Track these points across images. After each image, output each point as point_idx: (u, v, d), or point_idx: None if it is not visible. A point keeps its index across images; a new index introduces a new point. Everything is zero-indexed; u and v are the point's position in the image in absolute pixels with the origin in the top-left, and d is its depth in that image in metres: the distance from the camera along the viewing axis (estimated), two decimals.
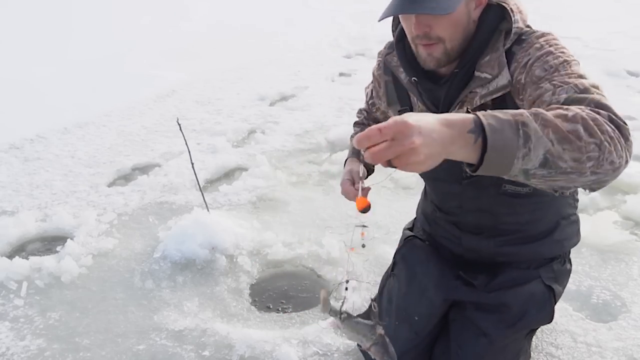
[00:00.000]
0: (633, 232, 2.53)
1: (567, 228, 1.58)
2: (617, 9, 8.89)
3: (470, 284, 1.56)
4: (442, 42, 1.26)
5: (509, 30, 1.29)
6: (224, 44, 6.49)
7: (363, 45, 6.50)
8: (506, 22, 1.30)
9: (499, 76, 1.27)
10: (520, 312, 1.51)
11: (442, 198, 1.61)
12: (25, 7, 8.41)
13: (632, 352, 1.80)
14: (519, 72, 1.24)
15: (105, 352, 1.87)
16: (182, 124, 2.58)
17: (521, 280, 1.53)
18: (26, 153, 3.51)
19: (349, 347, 1.84)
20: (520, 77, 1.23)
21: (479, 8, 1.30)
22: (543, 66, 1.19)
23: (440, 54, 1.28)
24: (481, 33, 1.30)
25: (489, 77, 1.29)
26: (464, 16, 1.27)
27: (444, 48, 1.27)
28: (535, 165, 0.90)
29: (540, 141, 0.89)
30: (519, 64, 1.24)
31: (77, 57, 5.80)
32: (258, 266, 2.33)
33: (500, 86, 1.27)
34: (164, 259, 2.35)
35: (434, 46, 1.26)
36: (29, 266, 2.28)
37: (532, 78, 1.20)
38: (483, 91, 1.30)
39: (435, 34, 1.25)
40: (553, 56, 1.20)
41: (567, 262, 1.63)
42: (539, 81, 1.17)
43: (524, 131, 0.88)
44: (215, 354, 1.85)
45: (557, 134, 0.91)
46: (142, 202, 2.86)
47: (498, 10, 1.30)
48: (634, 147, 1.00)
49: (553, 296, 1.54)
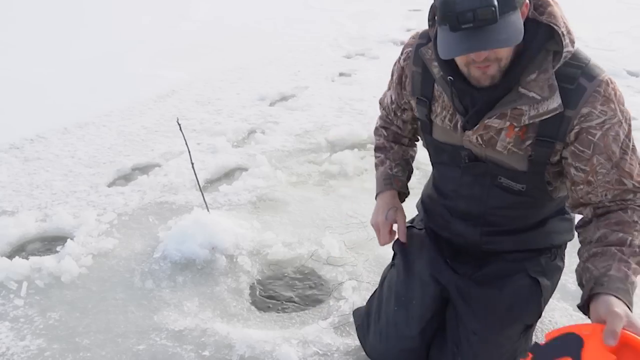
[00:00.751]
0: None
1: (558, 223, 1.60)
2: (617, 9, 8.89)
3: (457, 272, 1.60)
4: (498, 61, 1.27)
5: (557, 52, 1.29)
6: (224, 44, 6.49)
7: (363, 45, 6.49)
8: (555, 43, 1.29)
9: (549, 99, 1.29)
10: (505, 306, 1.52)
11: (442, 181, 1.67)
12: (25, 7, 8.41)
13: None
14: (593, 127, 1.30)
15: (105, 352, 1.87)
16: (182, 124, 2.58)
17: (506, 272, 1.56)
18: (26, 153, 3.51)
19: (349, 347, 1.85)
20: (595, 133, 1.30)
21: (522, 19, 1.27)
22: (617, 142, 1.30)
23: (495, 72, 1.28)
24: (530, 51, 1.29)
25: (537, 97, 1.30)
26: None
27: (498, 67, 1.28)
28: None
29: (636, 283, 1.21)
30: (596, 118, 1.30)
31: (77, 57, 5.80)
32: (258, 266, 2.34)
33: (551, 109, 1.30)
34: (164, 259, 2.35)
35: (490, 67, 1.27)
36: (29, 266, 2.28)
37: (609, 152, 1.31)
38: (532, 112, 1.32)
39: (494, 56, 1.25)
40: (623, 130, 1.31)
41: (558, 259, 1.64)
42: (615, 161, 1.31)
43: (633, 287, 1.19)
44: (215, 354, 1.85)
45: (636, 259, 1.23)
46: (142, 202, 2.86)
47: (547, 29, 1.29)
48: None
49: (540, 290, 1.54)
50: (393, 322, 1.64)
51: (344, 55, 6.15)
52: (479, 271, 1.59)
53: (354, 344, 1.85)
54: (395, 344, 1.63)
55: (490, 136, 1.42)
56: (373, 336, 1.70)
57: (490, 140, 1.42)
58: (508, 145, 1.40)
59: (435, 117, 1.53)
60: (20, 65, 5.51)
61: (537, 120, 1.33)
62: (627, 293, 1.15)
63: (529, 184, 1.46)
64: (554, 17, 1.29)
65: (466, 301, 1.56)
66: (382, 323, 1.67)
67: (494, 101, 1.36)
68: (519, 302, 1.53)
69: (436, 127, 1.55)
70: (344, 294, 2.13)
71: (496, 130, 1.40)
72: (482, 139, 1.43)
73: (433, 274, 1.62)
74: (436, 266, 1.63)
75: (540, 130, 1.35)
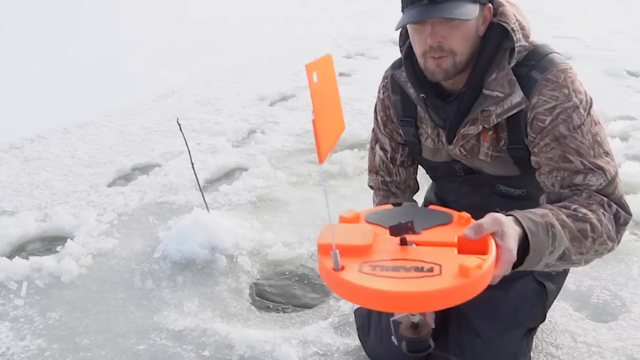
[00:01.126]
0: (633, 232, 2.53)
1: None
2: (617, 9, 8.89)
3: None
4: (452, 54, 1.29)
5: (512, 48, 1.31)
6: (224, 44, 6.49)
7: (363, 45, 6.50)
8: (509, 41, 1.32)
9: (511, 94, 1.31)
10: (510, 308, 1.51)
11: (442, 191, 1.70)
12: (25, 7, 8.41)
13: (632, 352, 1.80)
14: (542, 113, 1.28)
15: (105, 352, 1.87)
16: (182, 124, 2.58)
17: (512, 275, 1.55)
18: (26, 153, 3.51)
19: (348, 347, 1.84)
20: (543, 118, 1.28)
21: (484, 24, 1.33)
22: (568, 125, 1.26)
23: (449, 66, 1.30)
24: (487, 50, 1.33)
25: (500, 95, 1.32)
26: (474, 30, 1.31)
27: (453, 61, 1.30)
28: (554, 258, 1.09)
29: (562, 240, 1.08)
30: (544, 103, 1.28)
31: (77, 57, 5.80)
32: (258, 266, 2.33)
33: (515, 104, 1.31)
34: (164, 259, 2.35)
35: (444, 58, 1.29)
36: (29, 266, 2.28)
37: (555, 133, 1.27)
38: (498, 110, 1.33)
39: (448, 45, 1.28)
40: (577, 114, 1.27)
41: None
42: (560, 141, 1.26)
43: (552, 232, 1.07)
44: (215, 354, 1.85)
45: (571, 233, 1.10)
46: (142, 202, 2.86)
47: (500, 28, 1.33)
48: (632, 148, 1.19)
49: (545, 294, 1.55)
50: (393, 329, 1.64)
51: (344, 55, 6.15)
52: None
53: (354, 344, 1.85)
54: (396, 346, 1.63)
55: (472, 145, 1.44)
56: (374, 337, 1.70)
57: (473, 149, 1.44)
58: (488, 150, 1.42)
59: (425, 140, 1.55)
60: (20, 65, 5.51)
61: (504, 117, 1.34)
62: (532, 222, 1.05)
63: (527, 187, 1.46)
64: (504, 16, 1.33)
65: (471, 304, 1.55)
66: (383, 324, 1.67)
67: (465, 110, 1.38)
68: (525, 305, 1.53)
69: (425, 148, 1.57)
70: None
71: (475, 138, 1.42)
72: (465, 149, 1.45)
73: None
74: None
75: (508, 128, 1.37)
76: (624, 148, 3.44)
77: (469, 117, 1.38)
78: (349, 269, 0.86)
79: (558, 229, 1.08)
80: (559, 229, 1.08)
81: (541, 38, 1.37)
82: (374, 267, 0.87)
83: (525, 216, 1.05)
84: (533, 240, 1.03)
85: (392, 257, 0.89)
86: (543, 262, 1.08)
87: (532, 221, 1.04)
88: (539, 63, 1.31)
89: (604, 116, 3.94)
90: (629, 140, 3.54)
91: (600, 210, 1.17)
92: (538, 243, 1.04)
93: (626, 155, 3.33)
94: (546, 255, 1.07)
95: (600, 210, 1.17)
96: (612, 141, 3.60)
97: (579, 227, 1.12)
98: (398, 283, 0.82)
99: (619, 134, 3.68)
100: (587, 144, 1.25)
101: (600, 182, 1.23)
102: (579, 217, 1.13)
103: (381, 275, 0.84)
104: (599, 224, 1.15)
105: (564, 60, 1.32)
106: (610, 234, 1.17)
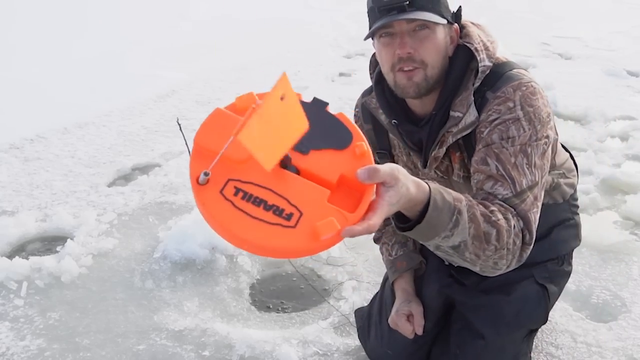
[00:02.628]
0: (633, 232, 2.53)
1: (563, 232, 1.59)
2: (617, 9, 8.89)
3: (463, 283, 1.58)
4: (423, 67, 1.29)
5: (477, 69, 1.32)
6: (224, 44, 6.49)
7: (363, 45, 6.48)
8: (475, 61, 1.33)
9: (466, 114, 1.31)
10: (513, 311, 1.51)
11: None
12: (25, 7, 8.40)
13: (632, 352, 1.80)
14: (484, 125, 1.28)
15: (105, 352, 1.87)
16: (182, 124, 2.58)
17: (513, 279, 1.54)
18: (26, 153, 3.50)
19: (349, 347, 1.85)
20: (483, 130, 1.28)
21: (452, 45, 1.35)
22: (502, 134, 1.24)
23: (421, 79, 1.30)
24: (454, 72, 1.33)
25: (460, 115, 1.33)
26: (444, 46, 1.32)
27: (424, 74, 1.30)
28: (448, 245, 1.05)
29: (463, 231, 1.04)
30: (488, 117, 1.28)
31: (77, 56, 5.80)
32: (258, 266, 2.33)
33: (469, 123, 1.31)
34: (164, 259, 2.35)
35: (415, 71, 1.29)
36: (29, 266, 2.28)
37: (488, 140, 1.26)
38: (455, 129, 1.34)
39: (418, 57, 1.28)
40: (516, 126, 1.24)
41: (566, 264, 1.63)
42: (489, 148, 1.24)
43: (457, 218, 1.02)
44: (215, 354, 1.85)
45: (476, 231, 1.05)
46: (142, 202, 2.86)
47: (466, 50, 1.34)
48: (632, 148, 1.12)
49: (547, 296, 1.54)
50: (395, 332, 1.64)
51: (344, 55, 6.15)
52: (486, 280, 1.55)
53: (354, 344, 1.85)
54: (396, 347, 1.63)
55: (446, 166, 1.45)
56: (374, 338, 1.70)
57: (447, 170, 1.45)
58: (460, 172, 1.42)
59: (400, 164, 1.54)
60: (20, 65, 5.50)
61: (458, 137, 1.34)
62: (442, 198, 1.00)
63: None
64: (469, 37, 1.35)
65: (474, 308, 1.55)
66: (383, 325, 1.67)
67: (435, 133, 1.38)
68: (527, 308, 1.52)
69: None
70: (344, 294, 2.13)
71: (448, 160, 1.43)
72: (440, 170, 1.46)
73: (436, 285, 1.61)
74: (440, 277, 1.61)
75: (466, 148, 1.37)
76: (624, 148, 3.44)
77: (437, 140, 1.39)
78: (212, 183, 0.84)
79: (464, 219, 1.03)
80: (464, 220, 1.03)
81: (507, 54, 1.40)
82: (238, 191, 0.84)
83: (440, 190, 1.00)
84: (431, 214, 0.97)
85: (262, 183, 0.85)
86: (435, 242, 1.03)
87: (442, 197, 1.00)
88: (495, 83, 1.31)
89: (604, 116, 3.94)
90: (629, 140, 3.54)
91: (512, 221, 1.13)
92: (436, 218, 0.99)
93: (626, 155, 3.33)
94: (441, 237, 1.02)
95: (512, 221, 1.13)
96: (612, 141, 3.61)
97: (486, 229, 1.07)
98: (246, 226, 0.82)
99: (619, 134, 3.68)
100: (511, 152, 1.22)
101: (506, 193, 1.18)
102: (491, 220, 1.08)
103: (238, 208, 0.83)
104: (506, 235, 1.09)
105: (522, 77, 1.30)
106: (514, 249, 1.12)
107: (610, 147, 3.49)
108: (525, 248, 1.15)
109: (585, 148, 3.39)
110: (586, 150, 3.34)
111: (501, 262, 1.12)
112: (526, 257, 1.16)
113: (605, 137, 3.65)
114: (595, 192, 2.81)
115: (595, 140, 3.57)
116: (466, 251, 1.07)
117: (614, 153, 3.34)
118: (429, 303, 1.60)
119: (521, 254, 1.15)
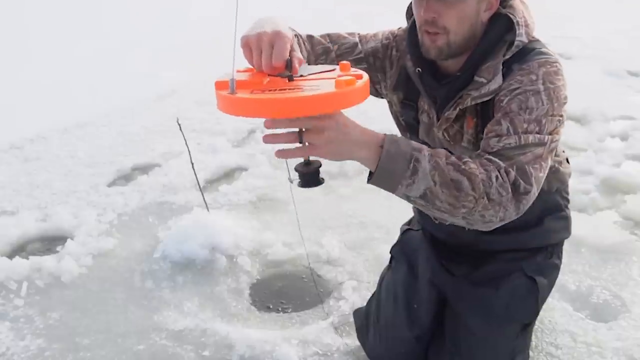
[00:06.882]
0: (633, 232, 2.53)
1: (555, 222, 1.60)
2: (617, 9, 8.89)
3: (453, 274, 1.60)
4: (446, 33, 1.28)
5: (512, 42, 1.31)
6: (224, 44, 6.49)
7: None
8: (511, 34, 1.31)
9: (492, 81, 1.30)
10: (502, 305, 1.52)
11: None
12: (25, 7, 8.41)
13: (632, 352, 1.80)
14: (504, 94, 1.28)
15: (105, 352, 1.87)
16: (182, 124, 2.58)
17: (502, 272, 1.55)
18: (26, 153, 3.50)
19: (348, 347, 1.85)
20: (503, 99, 1.27)
21: (489, 11, 1.32)
22: (521, 104, 1.24)
23: (443, 44, 1.30)
24: (487, 41, 1.32)
25: (484, 81, 1.32)
26: (473, 13, 1.29)
27: (447, 40, 1.29)
28: (416, 195, 1.11)
29: (425, 178, 1.09)
30: (509, 86, 1.27)
31: (77, 56, 5.80)
32: (258, 266, 2.34)
33: (491, 90, 1.30)
34: (164, 259, 2.35)
35: (438, 35, 1.29)
36: (29, 266, 2.28)
37: (507, 109, 1.25)
38: (475, 94, 1.33)
39: (441, 23, 1.27)
40: (536, 99, 1.24)
41: (555, 257, 1.63)
42: (506, 115, 1.24)
43: (414, 166, 1.09)
44: (215, 354, 1.85)
45: (441, 178, 1.10)
46: (142, 202, 2.86)
47: (506, 21, 1.32)
48: (632, 148, 1.11)
49: (537, 289, 1.54)
50: (392, 323, 1.65)
51: None
52: (475, 271, 1.59)
53: (354, 344, 1.85)
54: (394, 345, 1.64)
55: (456, 131, 1.43)
56: (373, 338, 1.71)
57: (456, 135, 1.43)
58: (471, 137, 1.40)
59: (421, 114, 1.52)
60: (20, 65, 5.50)
61: (478, 101, 1.32)
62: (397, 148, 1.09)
63: None
64: (512, 9, 1.33)
65: (464, 302, 1.57)
66: (381, 325, 1.68)
67: (453, 94, 1.37)
68: (516, 301, 1.53)
69: (421, 124, 1.53)
70: (344, 294, 2.13)
71: (459, 124, 1.41)
72: (449, 134, 1.44)
73: (428, 274, 1.62)
74: (431, 267, 1.64)
75: (482, 115, 1.36)
76: (624, 148, 3.43)
77: (454, 100, 1.37)
78: (241, 93, 1.02)
79: (423, 166, 1.09)
80: (424, 167, 1.09)
81: (542, 37, 1.37)
82: (264, 91, 1.02)
83: (396, 141, 1.10)
84: (384, 160, 1.08)
85: (280, 87, 1.04)
86: (401, 191, 1.11)
87: (397, 147, 1.09)
88: (524, 57, 1.30)
89: (603, 116, 3.93)
90: (629, 140, 3.54)
91: (494, 173, 1.13)
92: (390, 164, 1.08)
93: (626, 155, 3.33)
94: (403, 185, 1.10)
95: (494, 173, 1.13)
96: (612, 141, 3.61)
97: (455, 177, 1.10)
98: (283, 94, 0.99)
99: (619, 134, 3.68)
100: (525, 119, 1.22)
101: (509, 142, 1.19)
102: (461, 168, 1.12)
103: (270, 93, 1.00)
104: (481, 185, 1.11)
105: (550, 56, 1.30)
106: (500, 199, 1.12)
107: (610, 147, 3.48)
108: (521, 198, 1.15)
109: (585, 148, 3.39)
110: (586, 150, 3.34)
111: (488, 213, 1.14)
112: (524, 208, 1.17)
113: (605, 137, 3.64)
114: (595, 192, 2.81)
115: (595, 140, 3.56)
116: (436, 200, 1.11)
117: (613, 153, 3.34)
118: (423, 295, 1.61)
119: (517, 206, 1.15)
